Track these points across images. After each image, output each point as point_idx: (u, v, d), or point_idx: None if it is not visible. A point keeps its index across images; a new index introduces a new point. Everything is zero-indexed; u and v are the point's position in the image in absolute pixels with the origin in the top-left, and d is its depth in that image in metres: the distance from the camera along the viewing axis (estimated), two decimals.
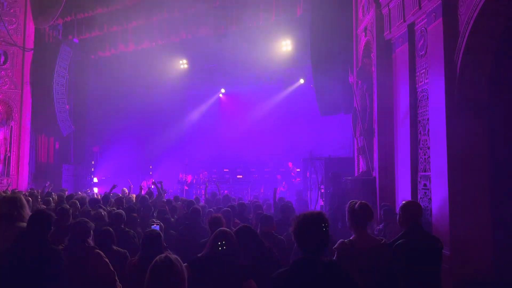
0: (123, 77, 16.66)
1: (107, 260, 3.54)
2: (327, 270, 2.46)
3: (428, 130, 5.83)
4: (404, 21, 6.48)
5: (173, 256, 2.38)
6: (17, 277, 3.05)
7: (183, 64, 17.61)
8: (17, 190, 10.77)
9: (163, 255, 2.38)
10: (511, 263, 5.00)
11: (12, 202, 3.87)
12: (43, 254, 3.17)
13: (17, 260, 3.09)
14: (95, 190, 15.65)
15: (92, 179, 16.76)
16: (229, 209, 5.84)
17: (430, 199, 5.72)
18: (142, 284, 2.36)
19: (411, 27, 6.38)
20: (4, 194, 6.76)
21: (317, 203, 10.68)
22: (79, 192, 11.26)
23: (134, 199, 8.71)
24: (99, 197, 8.70)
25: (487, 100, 5.32)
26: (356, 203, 3.75)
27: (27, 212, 3.88)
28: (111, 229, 4.24)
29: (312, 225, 2.52)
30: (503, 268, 5.02)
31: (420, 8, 5.96)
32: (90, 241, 3.61)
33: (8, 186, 12.54)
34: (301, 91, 16.96)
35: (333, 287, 2.43)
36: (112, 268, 3.53)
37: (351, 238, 3.73)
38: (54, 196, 8.71)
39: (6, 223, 3.73)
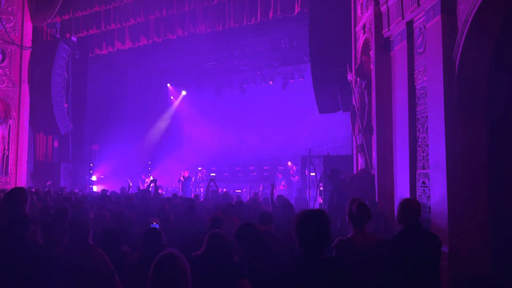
0: (122, 75, 16.61)
1: (107, 258, 3.53)
2: (328, 268, 2.46)
3: (427, 128, 5.83)
4: (403, 18, 6.47)
5: (177, 252, 2.40)
6: None
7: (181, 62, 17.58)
8: None
9: (166, 251, 2.40)
10: (509, 260, 5.01)
11: None
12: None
13: None
14: (94, 188, 15.63)
15: (91, 177, 16.73)
16: (227, 207, 5.85)
17: (428, 196, 5.73)
18: (142, 282, 2.37)
19: (409, 25, 6.38)
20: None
21: (316, 201, 10.68)
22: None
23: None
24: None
25: (486, 98, 5.32)
26: (355, 202, 3.76)
27: None
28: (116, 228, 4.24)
29: (312, 223, 2.48)
30: (502, 265, 5.04)
31: (418, 5, 5.95)
32: (90, 240, 3.61)
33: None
34: (300, 89, 16.94)
35: (335, 284, 2.42)
36: (112, 267, 3.53)
37: (349, 235, 3.74)
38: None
39: None
